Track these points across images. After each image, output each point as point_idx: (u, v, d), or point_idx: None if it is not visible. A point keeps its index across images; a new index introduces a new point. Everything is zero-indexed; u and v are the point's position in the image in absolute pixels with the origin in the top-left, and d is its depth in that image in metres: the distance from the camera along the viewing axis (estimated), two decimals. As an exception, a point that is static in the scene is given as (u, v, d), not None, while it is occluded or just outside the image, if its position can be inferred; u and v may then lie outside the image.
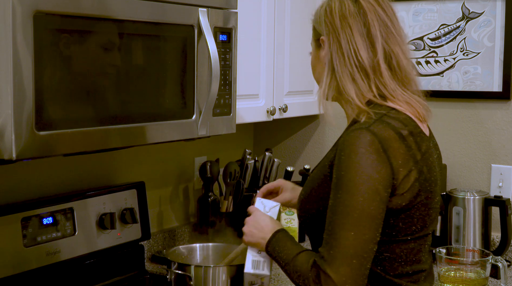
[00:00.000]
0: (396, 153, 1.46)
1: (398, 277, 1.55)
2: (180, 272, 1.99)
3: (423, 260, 1.59)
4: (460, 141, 2.70)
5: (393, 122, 1.50)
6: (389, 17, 1.58)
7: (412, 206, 1.51)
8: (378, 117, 1.51)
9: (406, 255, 1.54)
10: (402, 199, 1.49)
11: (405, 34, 1.62)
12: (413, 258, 1.56)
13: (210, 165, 2.57)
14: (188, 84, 1.95)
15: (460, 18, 2.65)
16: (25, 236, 1.94)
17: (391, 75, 1.57)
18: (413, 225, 1.53)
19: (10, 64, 1.44)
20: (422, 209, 1.53)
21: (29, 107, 1.48)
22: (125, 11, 1.72)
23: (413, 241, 1.55)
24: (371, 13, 1.56)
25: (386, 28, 1.57)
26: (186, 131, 1.95)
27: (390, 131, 1.48)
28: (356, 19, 1.56)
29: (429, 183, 1.54)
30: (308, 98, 2.75)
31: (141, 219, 2.33)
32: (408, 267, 1.55)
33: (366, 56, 1.54)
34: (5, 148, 1.46)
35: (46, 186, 2.14)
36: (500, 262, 2.20)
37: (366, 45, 1.55)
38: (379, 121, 1.49)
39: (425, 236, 1.58)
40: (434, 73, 2.72)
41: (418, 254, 1.57)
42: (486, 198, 2.53)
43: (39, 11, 1.48)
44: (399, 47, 1.58)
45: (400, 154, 1.47)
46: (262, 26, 2.44)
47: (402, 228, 1.52)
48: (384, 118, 1.51)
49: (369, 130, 1.46)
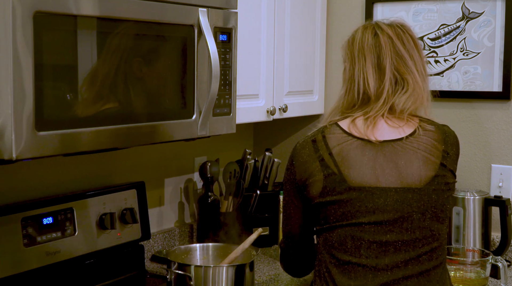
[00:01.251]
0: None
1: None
2: (180, 272, 1.99)
3: (352, 251, 1.71)
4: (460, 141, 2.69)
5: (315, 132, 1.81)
6: (407, 50, 1.80)
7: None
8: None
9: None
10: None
11: (424, 61, 1.85)
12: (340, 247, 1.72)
13: (210, 165, 2.57)
14: (188, 84, 1.95)
15: (460, 18, 2.65)
16: (25, 236, 1.94)
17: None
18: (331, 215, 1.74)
19: (10, 64, 1.44)
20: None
21: (29, 107, 1.48)
22: (125, 11, 1.72)
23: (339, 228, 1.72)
24: (386, 47, 1.79)
25: (401, 60, 1.79)
26: (186, 131, 1.95)
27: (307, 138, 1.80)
28: (371, 51, 1.80)
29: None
30: (308, 98, 2.75)
31: (141, 219, 2.33)
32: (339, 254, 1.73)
33: (373, 84, 1.78)
34: (5, 148, 1.46)
35: (46, 186, 2.14)
36: (500, 262, 2.20)
37: (375, 74, 1.79)
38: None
39: (352, 225, 1.71)
40: (434, 73, 2.72)
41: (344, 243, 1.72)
42: (486, 198, 2.52)
43: (39, 11, 1.48)
44: (412, 75, 1.79)
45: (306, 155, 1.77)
46: (262, 26, 2.44)
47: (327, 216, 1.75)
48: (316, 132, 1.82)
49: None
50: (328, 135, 1.76)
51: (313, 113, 2.86)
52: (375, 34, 1.81)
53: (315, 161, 1.73)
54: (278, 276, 2.34)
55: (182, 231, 2.66)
